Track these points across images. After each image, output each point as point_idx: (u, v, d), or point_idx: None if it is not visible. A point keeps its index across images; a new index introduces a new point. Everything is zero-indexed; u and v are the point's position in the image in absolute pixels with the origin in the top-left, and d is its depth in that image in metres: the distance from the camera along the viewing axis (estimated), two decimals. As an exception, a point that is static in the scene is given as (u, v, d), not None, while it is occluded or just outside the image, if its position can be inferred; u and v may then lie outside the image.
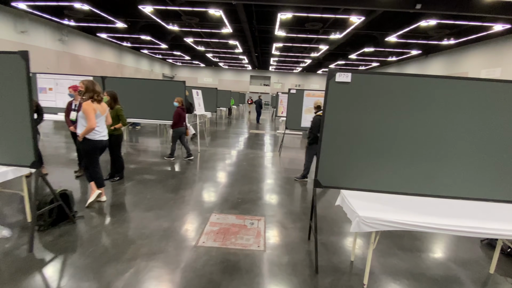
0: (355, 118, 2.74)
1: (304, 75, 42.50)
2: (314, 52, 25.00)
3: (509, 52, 17.14)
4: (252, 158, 7.12)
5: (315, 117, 5.26)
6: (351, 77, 2.67)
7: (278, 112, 12.59)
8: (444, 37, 19.21)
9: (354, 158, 2.80)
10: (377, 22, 17.31)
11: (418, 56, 25.09)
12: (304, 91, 7.43)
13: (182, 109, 6.49)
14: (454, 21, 15.26)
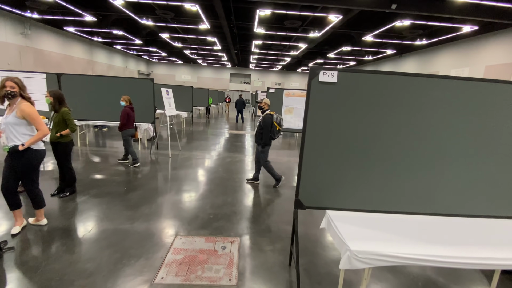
0: (342, 125, 2.24)
1: (284, 73, 42.25)
2: (293, 51, 24.70)
3: (476, 53, 17.64)
4: (229, 163, 6.54)
5: (264, 116, 4.78)
6: (338, 76, 2.17)
7: (257, 112, 12.08)
8: (417, 38, 19.53)
9: (342, 171, 2.32)
10: (354, 22, 17.27)
11: (393, 56, 25.49)
12: (284, 90, 6.93)
13: (131, 108, 5.79)
14: (426, 22, 15.45)
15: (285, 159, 7.42)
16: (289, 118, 7.08)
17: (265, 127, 4.69)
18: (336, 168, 2.30)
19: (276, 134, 4.80)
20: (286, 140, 10.65)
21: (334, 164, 2.30)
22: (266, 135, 4.72)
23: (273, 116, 4.74)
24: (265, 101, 4.95)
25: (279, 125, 4.76)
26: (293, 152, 8.61)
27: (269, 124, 4.68)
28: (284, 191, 4.95)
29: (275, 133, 4.78)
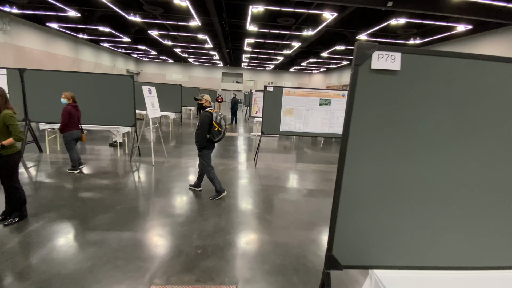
0: (406, 143, 1.40)
1: (277, 73, 41.42)
2: (286, 49, 23.88)
3: (470, 52, 17.19)
4: (221, 172, 5.62)
5: (201, 114, 4.00)
6: (402, 61, 1.31)
7: (252, 112, 11.17)
8: (411, 37, 18.99)
9: (399, 211, 1.46)
10: (348, 20, 16.60)
11: (386, 55, 24.93)
12: (283, 89, 6.05)
13: (74, 107, 4.84)
14: (422, 20, 14.88)
15: (282, 166, 6.56)
16: (289, 120, 6.21)
17: (202, 127, 3.95)
18: (392, 203, 1.43)
19: (216, 136, 4.00)
20: (281, 143, 9.79)
21: (389, 198, 1.43)
22: (203, 136, 3.98)
23: (213, 115, 3.96)
24: (206, 97, 4.18)
25: (219, 126, 3.94)
26: (290, 157, 7.74)
27: (207, 123, 3.93)
28: (283, 207, 4.07)
29: (215, 135, 3.99)
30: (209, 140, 4.07)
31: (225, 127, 4.10)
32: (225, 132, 4.13)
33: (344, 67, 33.07)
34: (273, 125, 6.19)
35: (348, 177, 1.40)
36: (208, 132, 3.99)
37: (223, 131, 4.08)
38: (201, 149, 4.13)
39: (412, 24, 16.08)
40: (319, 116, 6.24)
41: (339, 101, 6.21)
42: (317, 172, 6.10)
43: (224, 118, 4.07)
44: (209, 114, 4.01)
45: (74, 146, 5.02)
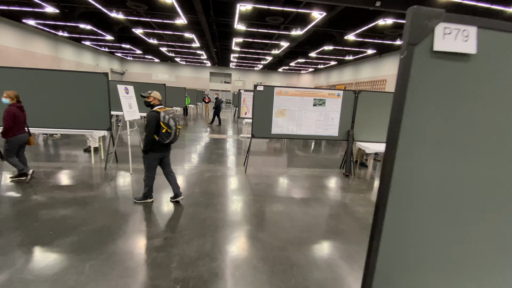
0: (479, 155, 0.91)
1: (265, 73, 40.99)
2: (275, 49, 23.46)
3: (455, 53, 17.27)
4: (207, 180, 5.06)
5: (148, 113, 3.50)
6: (478, 40, 0.83)
7: (241, 113, 10.62)
8: (397, 37, 18.97)
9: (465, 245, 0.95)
10: (336, 20, 16.35)
11: (373, 56, 24.99)
12: (274, 88, 5.54)
13: (19, 107, 4.23)
14: (409, 21, 14.80)
15: (274, 171, 6.06)
16: (281, 122, 5.71)
17: (147, 128, 3.47)
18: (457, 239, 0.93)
19: (166, 138, 3.51)
20: (271, 145, 9.31)
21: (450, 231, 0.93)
22: (148, 138, 3.49)
23: (160, 114, 3.46)
24: (154, 94, 3.66)
25: (167, 127, 3.44)
26: (282, 161, 7.26)
27: (153, 124, 3.45)
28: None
29: (164, 137, 3.49)
30: (158, 142, 3.56)
31: (177, 128, 3.57)
32: (177, 133, 3.61)
33: (332, 67, 33.03)
34: (264, 127, 5.68)
35: (395, 196, 0.89)
36: (156, 133, 3.49)
37: (174, 133, 3.56)
38: (146, 151, 3.59)
39: (399, 25, 15.97)
40: (313, 118, 5.77)
41: (334, 101, 5.77)
42: (311, 178, 5.63)
43: (174, 118, 3.53)
44: (156, 113, 3.49)
45: (14, 154, 4.32)
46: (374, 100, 5.88)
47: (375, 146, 5.72)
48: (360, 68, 27.67)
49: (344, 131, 5.94)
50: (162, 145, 3.66)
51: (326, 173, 6.05)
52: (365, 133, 6.02)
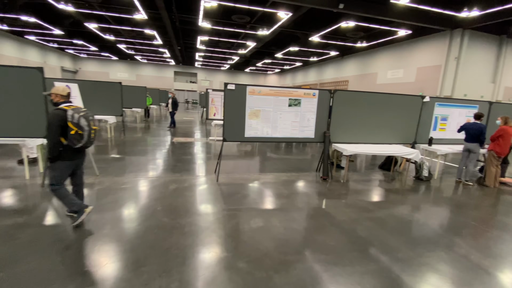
0: None
1: (233, 73, 40.22)
2: (241, 49, 22.91)
3: (409, 56, 18.25)
4: (172, 194, 4.33)
5: (51, 113, 2.84)
6: None
7: (209, 114, 9.88)
8: (358, 40, 19.60)
9: None
10: (301, 21, 16.33)
11: (335, 57, 25.66)
12: (247, 87, 4.97)
13: None
14: (368, 24, 15.23)
15: (249, 177, 5.51)
16: (255, 124, 5.17)
17: (49, 131, 2.80)
18: None
19: (76, 142, 2.85)
20: (242, 147, 8.74)
21: None
22: (52, 142, 2.81)
23: (67, 113, 2.80)
24: (55, 90, 2.94)
25: (77, 127, 2.79)
26: (255, 165, 6.73)
27: (55, 125, 2.77)
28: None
29: (74, 140, 2.83)
30: (67, 147, 2.87)
31: (91, 129, 2.90)
32: (92, 135, 2.93)
33: (297, 68, 33.41)
34: (237, 130, 5.09)
35: None
36: (63, 136, 2.81)
37: (88, 134, 2.88)
38: (52, 159, 2.85)
39: (360, 28, 16.41)
40: (288, 119, 5.32)
41: (310, 101, 5.38)
42: (289, 184, 5.18)
43: (86, 116, 2.86)
44: (61, 112, 2.79)
45: None
46: (350, 99, 5.61)
47: (352, 147, 5.45)
48: (324, 69, 28.29)
49: (320, 132, 5.58)
50: (73, 151, 2.92)
51: (303, 177, 5.65)
52: (341, 134, 5.73)
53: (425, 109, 6.16)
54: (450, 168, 7.13)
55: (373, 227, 3.55)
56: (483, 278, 2.59)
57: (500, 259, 2.95)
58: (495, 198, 5.04)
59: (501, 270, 2.74)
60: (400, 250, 3.02)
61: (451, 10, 12.69)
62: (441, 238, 3.35)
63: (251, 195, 4.44)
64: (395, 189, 5.24)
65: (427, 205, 4.51)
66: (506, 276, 2.65)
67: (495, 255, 3.02)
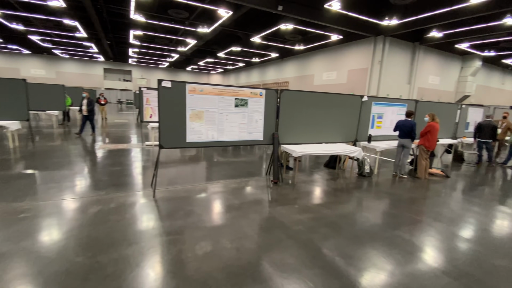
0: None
1: (173, 71, 37.80)
2: (181, 46, 21.51)
3: (341, 59, 19.67)
4: (93, 219, 3.39)
5: None
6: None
7: (144, 116, 8.70)
8: (296, 43, 20.30)
9: None
10: (242, 22, 16.06)
11: (276, 59, 26.24)
12: (187, 85, 4.28)
13: None
14: (305, 28, 15.82)
15: (193, 188, 4.84)
16: (198, 126, 4.51)
17: None
18: None
19: None
20: (185, 152, 7.93)
21: None
22: None
23: None
24: None
25: None
26: (200, 172, 6.07)
27: None
28: None
29: None
30: None
31: None
32: None
33: (240, 68, 33.20)
34: (176, 134, 4.35)
35: None
36: None
37: None
38: None
39: (298, 31, 16.93)
40: (235, 120, 4.81)
41: (257, 101, 4.96)
42: (239, 192, 4.69)
43: None
44: None
45: None
46: (296, 99, 5.39)
47: (301, 148, 5.24)
48: (266, 70, 28.69)
49: (269, 134, 5.23)
50: None
51: (254, 182, 5.22)
52: (289, 135, 5.48)
53: (364, 108, 6.36)
54: (386, 162, 7.61)
55: (329, 234, 3.30)
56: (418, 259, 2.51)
57: (433, 247, 2.98)
58: (428, 189, 5.43)
59: (432, 255, 2.74)
60: (360, 259, 2.80)
61: (375, 18, 13.93)
62: (395, 237, 3.29)
63: (196, 210, 3.79)
64: (342, 188, 5.21)
65: (374, 202, 4.53)
66: (430, 256, 2.64)
67: (431, 245, 3.06)
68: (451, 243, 3.26)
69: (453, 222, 3.86)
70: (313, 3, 13.19)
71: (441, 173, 6.42)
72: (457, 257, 2.95)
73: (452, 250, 3.09)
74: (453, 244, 3.24)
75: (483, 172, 7.12)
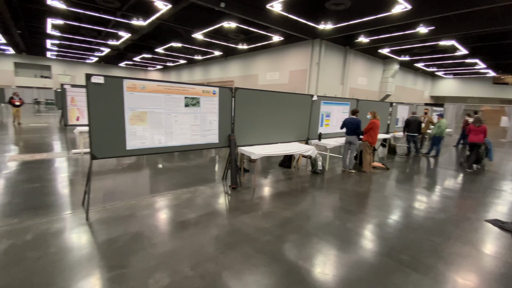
0: None
1: (103, 67, 33.55)
2: (113, 39, 19.12)
3: (283, 60, 20.23)
4: (2, 260, 2.48)
5: None
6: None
7: (70, 118, 7.23)
8: (239, 42, 20.09)
9: None
10: (183, 17, 15.08)
11: (220, 58, 25.60)
12: (124, 80, 3.52)
13: None
14: (248, 27, 15.73)
15: (135, 205, 4.09)
16: (141, 130, 3.79)
17: None
18: None
19: None
20: (123, 160, 6.86)
21: None
22: None
23: None
24: None
25: None
26: (143, 182, 5.27)
27: None
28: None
29: None
30: None
31: None
32: None
33: (182, 66, 31.40)
34: (112, 140, 3.56)
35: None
36: None
37: None
38: None
39: (241, 30, 16.71)
40: (187, 122, 4.21)
41: (210, 101, 4.45)
42: (194, 203, 4.13)
43: None
44: None
45: None
46: (251, 98, 5.06)
47: (259, 150, 4.94)
48: (210, 69, 27.77)
49: (224, 136, 4.78)
50: None
51: (210, 189, 4.70)
52: (246, 136, 5.12)
53: (314, 107, 6.42)
54: (333, 158, 7.91)
55: (299, 241, 3.06)
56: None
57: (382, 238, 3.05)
58: (375, 181, 5.73)
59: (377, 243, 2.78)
60: (331, 272, 2.62)
61: (313, 22, 14.59)
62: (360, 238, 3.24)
63: (145, 232, 3.12)
64: (301, 187, 5.11)
65: (330, 199, 4.52)
66: (371, 242, 2.68)
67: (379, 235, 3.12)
68: (390, 228, 3.37)
69: (394, 210, 4.06)
70: (256, 2, 13.08)
71: (382, 166, 6.93)
72: (391, 239, 3.03)
73: (390, 234, 3.17)
74: (391, 228, 3.36)
75: (412, 162, 7.98)
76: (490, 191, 5.31)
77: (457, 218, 3.95)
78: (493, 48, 16.87)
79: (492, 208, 4.43)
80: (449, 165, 7.69)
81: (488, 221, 3.78)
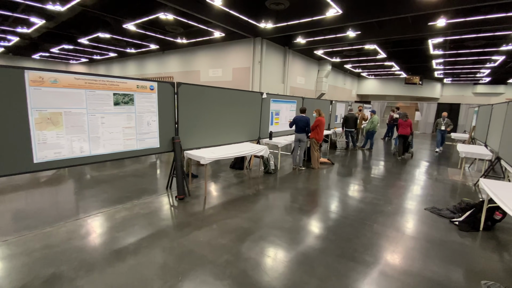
0: None
1: (10, 59, 27.32)
2: (23, 27, 15.64)
3: (226, 56, 19.70)
4: None
5: None
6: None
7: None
8: (178, 36, 18.75)
9: None
10: (110, 4, 13.17)
11: (157, 51, 23.55)
12: (26, 71, 2.55)
13: None
14: (187, 20, 14.72)
15: (57, 230, 3.12)
16: (54, 137, 2.84)
17: None
18: None
19: None
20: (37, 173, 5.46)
21: None
22: None
23: None
24: None
25: None
26: (68, 198, 4.20)
27: None
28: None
29: None
30: None
31: None
32: None
33: (112, 59, 27.82)
34: (13, 152, 2.57)
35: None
36: None
37: None
38: None
39: (179, 23, 15.52)
40: (117, 124, 3.39)
41: (147, 98, 3.70)
42: (133, 223, 3.37)
43: None
44: None
45: None
46: (198, 96, 4.45)
47: (209, 153, 4.38)
48: (145, 63, 25.32)
49: (167, 139, 4.07)
50: None
51: (152, 203, 3.95)
52: (193, 138, 4.50)
53: (264, 105, 6.14)
54: (283, 156, 7.82)
55: (263, 257, 2.69)
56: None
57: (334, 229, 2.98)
58: (324, 177, 5.78)
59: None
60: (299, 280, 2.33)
61: (254, 20, 14.43)
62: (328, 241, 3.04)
63: (66, 272, 2.30)
64: (255, 191, 4.75)
65: (286, 200, 4.30)
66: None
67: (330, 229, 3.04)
68: (336, 214, 3.33)
69: (339, 201, 4.08)
70: (196, -6, 12.19)
71: (328, 161, 7.11)
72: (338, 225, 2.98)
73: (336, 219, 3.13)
74: (336, 214, 3.33)
75: (351, 155, 8.48)
76: (421, 177, 5.88)
77: (401, 208, 4.15)
78: (405, 53, 19.51)
79: (425, 194, 4.85)
80: (382, 156, 8.41)
81: (427, 209, 4.06)
